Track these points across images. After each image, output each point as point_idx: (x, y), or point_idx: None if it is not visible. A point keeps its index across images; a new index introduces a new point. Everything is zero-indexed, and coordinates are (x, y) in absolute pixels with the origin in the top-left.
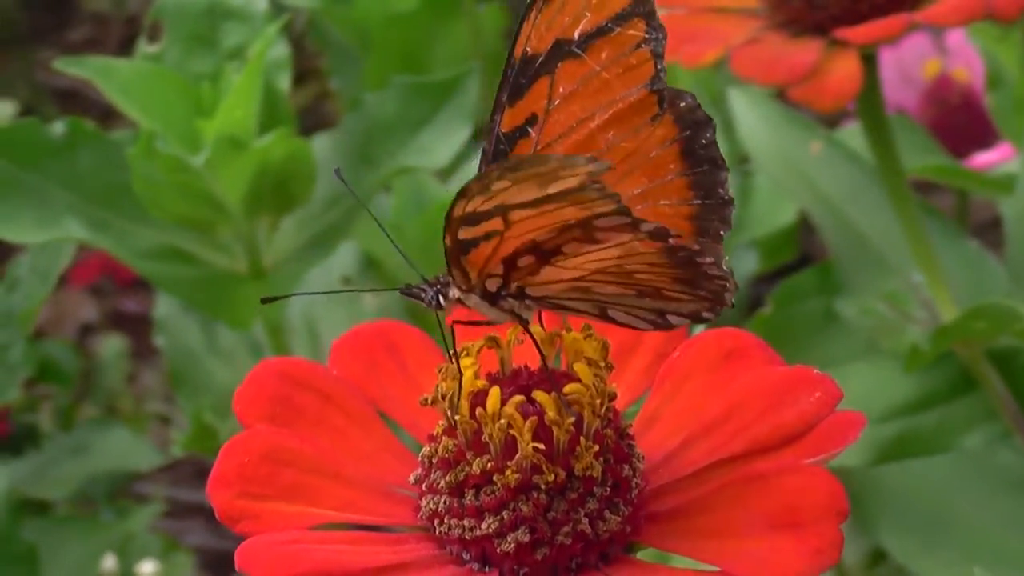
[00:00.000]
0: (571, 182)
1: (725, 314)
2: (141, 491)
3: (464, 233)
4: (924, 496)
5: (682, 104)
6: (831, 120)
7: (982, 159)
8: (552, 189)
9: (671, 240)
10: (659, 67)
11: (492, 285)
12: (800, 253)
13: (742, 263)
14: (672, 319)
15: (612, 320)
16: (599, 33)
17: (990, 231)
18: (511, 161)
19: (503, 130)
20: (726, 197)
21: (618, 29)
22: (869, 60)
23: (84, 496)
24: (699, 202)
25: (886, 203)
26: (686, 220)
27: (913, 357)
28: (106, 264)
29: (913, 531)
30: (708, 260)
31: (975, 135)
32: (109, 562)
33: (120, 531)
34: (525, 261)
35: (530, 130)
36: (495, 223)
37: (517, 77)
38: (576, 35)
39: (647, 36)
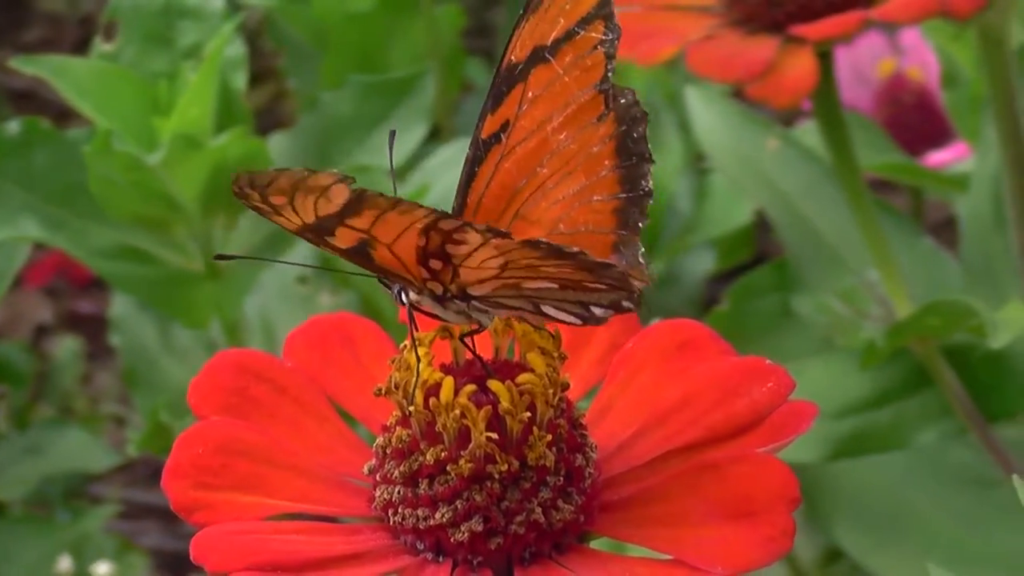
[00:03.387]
0: (337, 199)
1: (681, 311)
2: (96, 492)
3: (337, 243)
4: (879, 493)
5: (622, 100)
6: (786, 118)
7: (936, 158)
8: (328, 209)
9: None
10: (609, 68)
11: (435, 288)
12: (756, 252)
13: (699, 263)
14: (596, 311)
15: (546, 316)
16: (567, 37)
17: (944, 231)
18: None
19: (483, 136)
20: (647, 189)
21: (582, 32)
22: (825, 57)
23: (39, 497)
24: (624, 195)
25: (842, 200)
26: (612, 213)
27: (868, 354)
28: (61, 265)
29: (868, 528)
30: (574, 250)
31: (929, 134)
32: (64, 563)
33: (75, 532)
34: (435, 264)
35: (502, 136)
36: (348, 232)
37: (500, 85)
38: (550, 41)
39: (603, 38)
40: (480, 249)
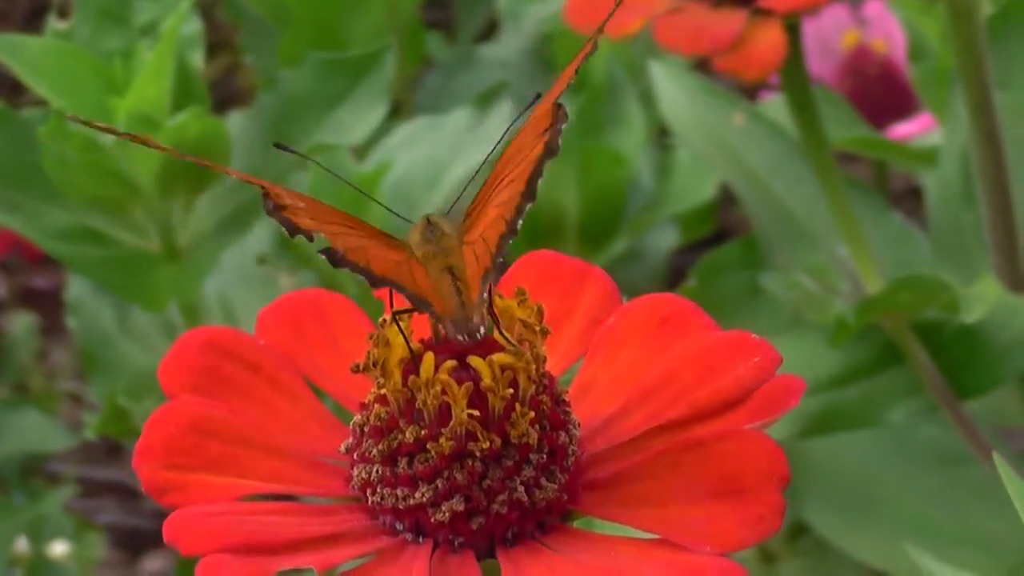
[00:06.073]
0: None
1: (646, 287)
2: (53, 469)
3: None
4: (849, 470)
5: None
6: (750, 90)
7: (901, 130)
8: None
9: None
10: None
11: None
12: (718, 226)
13: (663, 238)
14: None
15: None
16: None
17: (907, 200)
18: None
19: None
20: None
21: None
22: (793, 30)
23: None
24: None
25: (810, 175)
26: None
27: (838, 330)
28: (15, 240)
29: (837, 506)
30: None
31: (893, 106)
32: (21, 544)
33: (32, 513)
34: None
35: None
36: None
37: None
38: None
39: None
40: None
